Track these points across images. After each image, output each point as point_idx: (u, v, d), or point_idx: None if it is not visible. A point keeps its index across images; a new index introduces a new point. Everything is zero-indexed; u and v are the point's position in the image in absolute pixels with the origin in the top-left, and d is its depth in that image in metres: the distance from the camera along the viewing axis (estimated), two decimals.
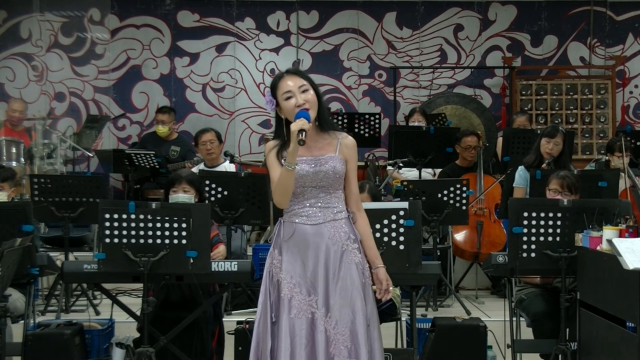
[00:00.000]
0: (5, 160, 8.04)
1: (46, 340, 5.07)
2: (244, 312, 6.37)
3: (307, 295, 3.68)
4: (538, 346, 5.12)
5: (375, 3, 10.38)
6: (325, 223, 3.72)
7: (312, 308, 3.66)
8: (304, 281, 3.69)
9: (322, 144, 3.76)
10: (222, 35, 10.35)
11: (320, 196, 3.72)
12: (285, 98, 3.69)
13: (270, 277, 3.76)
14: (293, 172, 3.61)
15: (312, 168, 3.69)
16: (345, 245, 3.73)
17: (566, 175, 5.39)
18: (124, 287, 6.77)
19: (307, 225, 3.72)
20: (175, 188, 5.29)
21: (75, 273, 5.03)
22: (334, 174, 3.72)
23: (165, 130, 8.76)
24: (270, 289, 3.76)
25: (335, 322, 3.65)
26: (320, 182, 3.71)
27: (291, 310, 3.66)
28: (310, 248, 3.71)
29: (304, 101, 3.66)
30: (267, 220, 6.70)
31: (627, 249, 4.00)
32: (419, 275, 4.97)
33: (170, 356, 4.97)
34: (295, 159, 3.60)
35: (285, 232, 3.75)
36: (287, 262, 3.72)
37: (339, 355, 3.62)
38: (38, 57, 10.23)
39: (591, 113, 10.17)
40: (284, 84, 3.70)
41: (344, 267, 3.71)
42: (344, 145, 3.77)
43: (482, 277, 7.57)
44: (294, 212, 3.74)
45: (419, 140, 7.65)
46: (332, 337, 3.64)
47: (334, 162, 3.72)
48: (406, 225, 4.88)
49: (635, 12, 10.42)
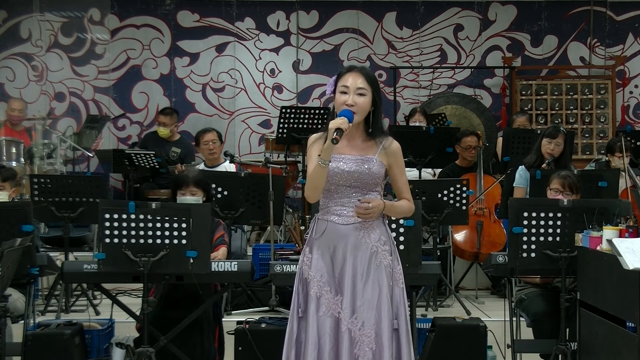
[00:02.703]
0: (5, 160, 8.03)
1: (46, 340, 5.08)
2: (244, 312, 6.37)
3: (335, 295, 3.69)
4: (538, 346, 5.12)
5: (375, 3, 10.38)
6: (357, 224, 3.73)
7: (339, 308, 3.68)
8: (332, 280, 3.71)
9: (364, 145, 3.78)
10: (222, 35, 10.35)
11: (354, 196, 3.74)
12: (341, 91, 3.72)
13: (300, 274, 3.79)
14: (325, 169, 3.63)
15: (349, 167, 3.71)
16: (375, 247, 3.74)
17: (567, 175, 5.39)
18: (124, 287, 6.77)
19: (339, 225, 3.73)
20: (182, 190, 5.28)
21: (75, 273, 5.03)
22: (370, 176, 3.73)
23: (167, 132, 8.75)
24: (300, 287, 3.78)
25: (362, 324, 3.66)
26: (355, 182, 3.73)
27: (320, 308, 3.68)
28: (340, 247, 3.72)
29: (354, 103, 3.69)
30: (267, 220, 6.70)
31: (627, 249, 4.00)
32: (419, 275, 4.98)
33: (173, 356, 4.98)
34: (329, 156, 3.61)
35: (317, 229, 3.77)
36: (316, 260, 3.74)
37: (363, 357, 3.63)
38: (38, 57, 10.23)
39: (591, 113, 10.17)
40: (347, 77, 3.73)
41: (373, 269, 3.72)
42: (386, 149, 3.79)
43: (482, 277, 7.57)
44: (328, 209, 3.76)
45: (419, 140, 7.65)
46: (357, 338, 3.65)
47: (372, 164, 3.74)
48: (406, 225, 4.88)
49: (635, 12, 10.41)
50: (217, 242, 5.29)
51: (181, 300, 5.07)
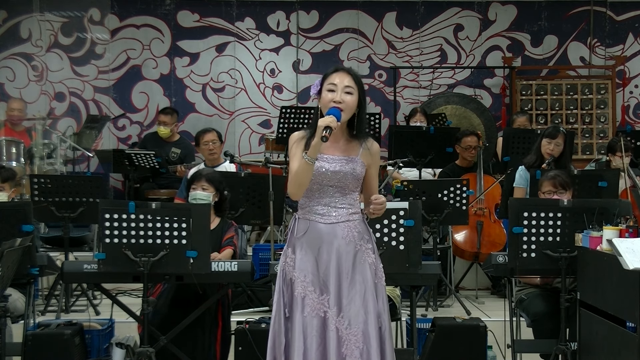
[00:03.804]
0: (5, 160, 8.03)
1: (46, 340, 5.08)
2: (244, 312, 6.36)
3: (320, 294, 3.69)
4: (538, 346, 5.12)
5: (375, 3, 10.38)
6: (339, 223, 3.74)
7: (324, 307, 3.67)
8: (317, 279, 3.71)
9: (347, 146, 3.78)
10: (222, 35, 10.35)
11: (336, 196, 3.74)
12: (327, 89, 3.73)
13: (284, 275, 3.77)
14: (312, 166, 3.64)
15: (333, 167, 3.71)
16: (359, 245, 3.75)
17: (555, 174, 5.40)
18: (124, 287, 6.78)
19: (321, 224, 3.74)
20: (194, 185, 5.45)
21: (75, 273, 5.04)
22: (353, 176, 3.74)
23: (167, 131, 8.74)
24: (284, 288, 3.76)
25: (348, 322, 3.66)
26: (338, 182, 3.73)
27: (304, 308, 3.67)
28: (324, 246, 3.72)
29: (342, 100, 3.69)
30: (267, 220, 6.70)
31: (627, 249, 4.00)
32: (419, 275, 4.98)
33: (174, 356, 4.97)
34: (316, 154, 3.63)
35: (299, 229, 3.76)
36: (300, 260, 3.73)
37: (351, 356, 3.62)
38: (38, 57, 10.23)
39: (591, 113, 10.16)
40: (335, 77, 3.74)
41: (358, 267, 3.72)
42: (367, 149, 3.79)
43: (482, 277, 7.57)
44: (309, 209, 3.76)
45: (419, 140, 7.65)
46: (345, 337, 3.64)
47: (355, 164, 3.74)
48: (406, 225, 4.88)
49: (635, 12, 10.41)
50: (226, 242, 5.31)
51: (189, 301, 5.07)
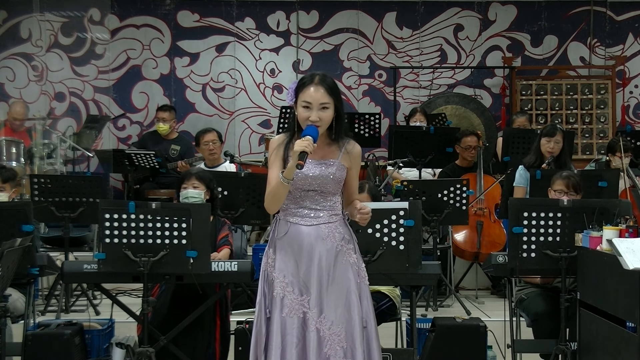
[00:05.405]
0: (5, 160, 8.03)
1: (46, 340, 5.08)
2: (244, 312, 6.36)
3: (299, 295, 3.70)
4: (538, 346, 5.12)
5: (375, 3, 10.38)
6: (320, 224, 3.75)
7: (304, 308, 3.68)
8: (297, 280, 3.72)
9: (327, 150, 3.77)
10: (222, 35, 10.34)
11: (316, 199, 3.75)
12: (303, 106, 3.69)
13: (266, 276, 3.80)
14: (288, 187, 3.65)
15: (313, 172, 3.71)
16: (340, 246, 3.76)
17: (570, 175, 5.39)
18: (124, 287, 6.77)
19: (301, 226, 3.75)
20: (185, 184, 5.39)
21: (75, 273, 5.04)
22: (333, 180, 3.74)
23: (166, 128, 8.73)
24: (266, 288, 3.78)
25: (331, 323, 3.67)
26: (318, 187, 3.74)
27: (283, 309, 3.69)
28: (304, 248, 3.73)
29: (318, 119, 3.67)
30: (267, 220, 6.70)
31: (627, 249, 4.00)
32: (419, 275, 4.97)
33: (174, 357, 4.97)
34: (292, 175, 3.62)
35: (279, 230, 3.78)
36: (280, 261, 3.75)
37: (335, 356, 3.64)
38: (38, 57, 10.23)
39: (591, 113, 10.17)
40: (309, 92, 3.67)
41: (339, 268, 3.73)
42: (348, 152, 3.78)
43: (482, 277, 7.57)
44: (290, 211, 3.77)
45: (419, 140, 7.65)
46: (327, 338, 3.65)
47: (335, 168, 3.74)
48: (406, 225, 4.88)
49: (635, 12, 10.41)
50: (221, 242, 5.30)
51: (188, 301, 5.07)
